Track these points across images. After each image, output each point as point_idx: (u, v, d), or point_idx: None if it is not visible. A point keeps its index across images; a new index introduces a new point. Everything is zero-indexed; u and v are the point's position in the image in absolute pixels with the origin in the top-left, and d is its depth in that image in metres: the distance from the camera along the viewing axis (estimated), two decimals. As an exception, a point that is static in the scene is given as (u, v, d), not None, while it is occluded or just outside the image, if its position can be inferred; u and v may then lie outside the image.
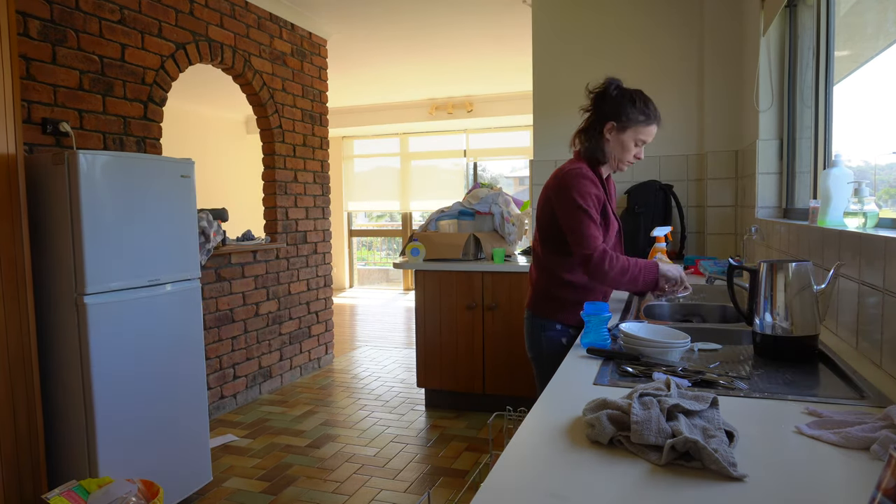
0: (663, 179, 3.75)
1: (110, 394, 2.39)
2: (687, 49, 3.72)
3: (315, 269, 4.98)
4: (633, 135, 1.91)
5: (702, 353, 1.57)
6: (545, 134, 3.99)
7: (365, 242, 10.85)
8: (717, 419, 0.96)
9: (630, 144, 1.93)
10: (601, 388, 1.26)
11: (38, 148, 2.79)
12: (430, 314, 3.81)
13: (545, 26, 3.97)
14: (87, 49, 3.04)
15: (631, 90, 1.94)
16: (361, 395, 4.29)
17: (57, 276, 2.36)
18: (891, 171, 2.08)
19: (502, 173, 9.95)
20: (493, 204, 4.04)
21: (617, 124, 1.91)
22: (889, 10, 1.88)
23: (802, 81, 2.70)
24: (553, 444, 0.97)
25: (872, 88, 2.07)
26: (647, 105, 1.92)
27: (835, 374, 1.34)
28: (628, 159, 1.96)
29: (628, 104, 1.89)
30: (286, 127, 4.61)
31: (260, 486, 2.90)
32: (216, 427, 3.68)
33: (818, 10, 2.38)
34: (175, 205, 2.70)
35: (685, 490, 0.80)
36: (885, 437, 0.90)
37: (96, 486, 2.15)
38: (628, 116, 1.89)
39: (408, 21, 4.99)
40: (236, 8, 4.06)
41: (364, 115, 8.65)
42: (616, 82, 1.94)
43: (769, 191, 2.97)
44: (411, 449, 3.31)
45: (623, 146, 1.93)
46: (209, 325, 3.81)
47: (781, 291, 1.42)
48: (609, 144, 1.94)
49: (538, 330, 2.07)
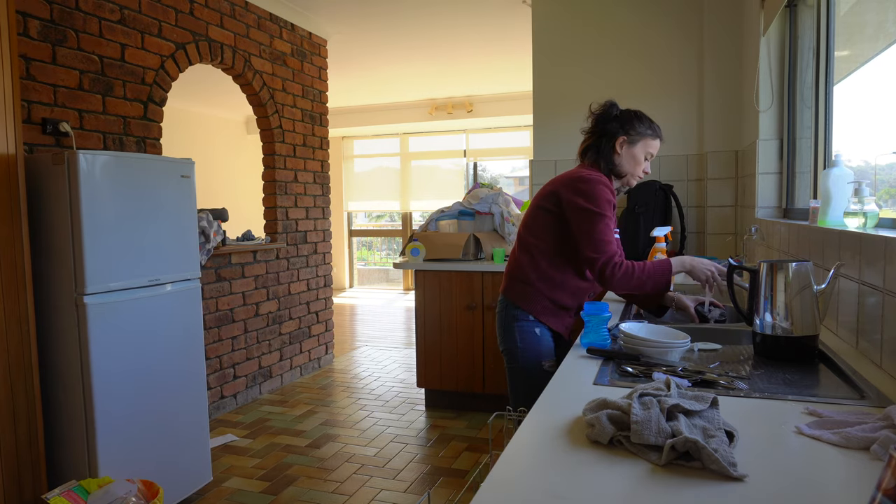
0: (663, 179, 3.75)
1: (110, 393, 2.39)
2: (687, 49, 3.72)
3: (315, 269, 4.98)
4: (643, 148, 1.99)
5: (702, 353, 1.58)
6: (545, 134, 3.99)
7: (365, 242, 10.85)
8: (717, 419, 0.96)
9: (641, 157, 1.99)
10: (601, 388, 1.26)
11: (38, 148, 2.79)
12: (430, 314, 3.81)
13: (545, 26, 3.97)
14: (87, 49, 3.04)
15: (632, 109, 2.03)
16: (361, 395, 4.29)
17: (57, 276, 2.36)
18: (891, 171, 2.08)
19: (502, 173, 9.95)
20: (493, 204, 4.04)
21: (628, 138, 1.97)
22: (889, 10, 1.88)
23: (802, 81, 2.70)
24: (553, 444, 0.97)
25: (872, 88, 2.07)
26: (651, 122, 2.01)
27: (835, 374, 1.34)
28: (639, 173, 2.02)
29: (635, 120, 1.98)
30: (286, 127, 4.62)
31: (260, 486, 2.90)
32: (216, 427, 3.68)
33: (818, 10, 2.38)
34: (175, 205, 2.69)
35: (685, 490, 0.80)
36: (885, 437, 0.90)
37: (96, 486, 2.15)
38: (637, 130, 1.97)
39: (408, 21, 4.99)
40: (236, 8, 4.06)
41: (364, 115, 8.65)
42: (616, 104, 2.02)
43: (769, 191, 2.97)
44: (411, 449, 3.31)
45: (635, 159, 1.99)
46: (209, 325, 3.81)
47: (781, 291, 1.42)
48: (621, 159, 1.99)
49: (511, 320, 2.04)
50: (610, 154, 1.98)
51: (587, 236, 1.86)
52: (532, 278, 2.00)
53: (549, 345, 2.02)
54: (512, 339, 2.03)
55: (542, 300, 2.00)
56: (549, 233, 1.98)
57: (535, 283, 2.00)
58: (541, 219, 2.00)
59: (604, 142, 1.99)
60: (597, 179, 1.90)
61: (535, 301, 2.01)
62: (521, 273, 2.03)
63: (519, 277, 2.04)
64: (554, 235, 1.97)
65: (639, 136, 1.97)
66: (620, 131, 1.97)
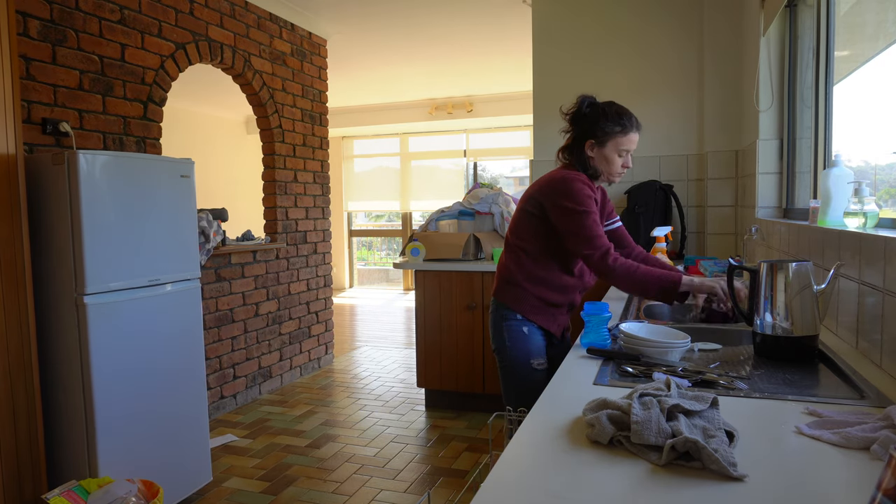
0: (663, 179, 3.75)
1: (110, 393, 2.39)
2: (687, 49, 3.72)
3: (315, 269, 4.98)
4: (613, 147, 1.94)
5: (702, 353, 1.57)
6: (545, 134, 3.99)
7: (365, 242, 10.85)
8: (717, 419, 0.96)
9: (613, 157, 1.95)
10: (601, 388, 1.26)
11: (38, 148, 2.79)
12: (430, 314, 3.81)
13: (545, 26, 3.97)
14: (87, 49, 3.04)
15: (603, 104, 1.97)
16: (361, 395, 4.29)
17: (57, 276, 2.35)
18: (891, 171, 2.08)
19: (502, 173, 9.95)
20: (493, 204, 4.04)
21: (595, 141, 1.94)
22: (889, 10, 1.88)
23: (802, 81, 2.70)
24: (553, 444, 0.97)
25: (872, 88, 2.07)
26: (620, 116, 1.94)
27: (835, 374, 1.34)
28: (616, 171, 1.99)
29: (601, 119, 1.93)
30: (286, 127, 4.61)
31: (260, 486, 2.90)
32: (216, 427, 3.68)
33: (818, 10, 2.38)
34: (175, 205, 2.69)
35: (685, 490, 0.80)
36: (885, 437, 0.90)
37: (96, 486, 2.15)
38: (604, 130, 1.93)
39: (408, 21, 4.99)
40: (236, 8, 4.06)
41: (364, 115, 8.64)
42: (588, 99, 1.97)
43: (769, 191, 2.97)
44: (411, 449, 3.31)
45: (607, 160, 1.96)
46: (209, 325, 3.81)
47: (781, 291, 1.42)
48: (594, 161, 1.97)
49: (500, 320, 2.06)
50: (582, 156, 1.98)
51: (575, 235, 1.88)
52: (519, 278, 2.03)
53: (538, 343, 2.04)
54: (501, 339, 2.06)
55: (529, 299, 2.02)
56: (532, 234, 2.00)
57: (522, 283, 2.02)
58: (524, 221, 2.03)
59: (575, 144, 1.99)
60: (572, 177, 1.92)
61: (523, 300, 2.03)
62: (509, 274, 2.06)
63: (506, 278, 2.07)
64: (538, 236, 1.99)
65: (607, 137, 1.93)
66: (587, 133, 1.95)
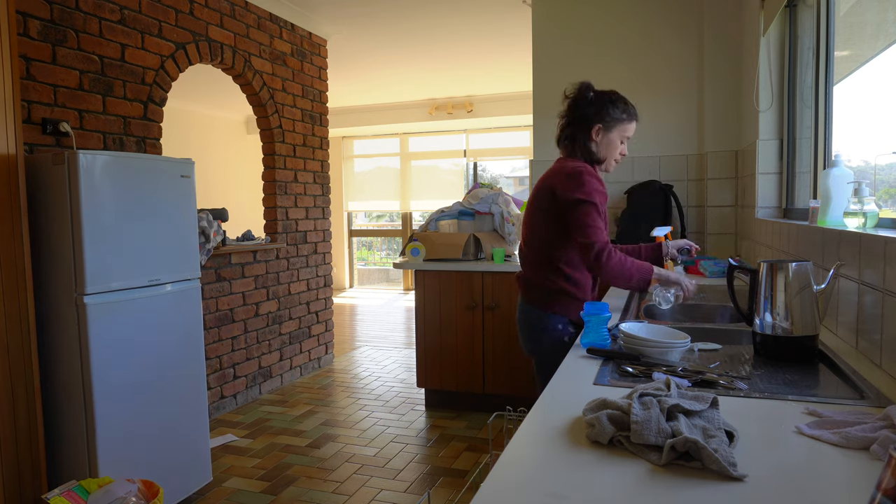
0: (663, 179, 3.75)
1: (110, 394, 2.39)
2: (687, 49, 3.72)
3: (315, 269, 4.98)
4: (619, 133, 2.00)
5: (702, 353, 1.57)
6: (545, 134, 3.99)
7: (365, 242, 10.85)
8: (718, 419, 0.96)
9: (617, 143, 2.02)
10: (601, 388, 1.26)
11: (38, 148, 2.79)
12: (430, 314, 3.81)
13: (545, 26, 3.97)
14: (87, 49, 3.04)
15: (606, 91, 2.01)
16: (361, 395, 4.29)
17: (57, 276, 2.35)
18: (891, 171, 2.08)
19: (502, 173, 9.95)
20: (493, 204, 4.04)
21: (603, 125, 1.98)
22: (889, 10, 1.88)
23: (802, 81, 2.70)
24: (553, 444, 0.97)
25: (872, 88, 2.07)
26: (625, 104, 2.00)
27: (835, 374, 1.34)
28: (616, 157, 2.04)
29: (609, 105, 1.98)
30: (286, 127, 4.61)
31: (260, 486, 2.90)
32: (216, 427, 3.68)
33: (818, 10, 2.38)
34: (175, 205, 2.69)
35: (685, 490, 0.80)
36: (884, 437, 0.90)
37: (96, 486, 2.15)
38: (612, 116, 1.98)
39: (408, 21, 4.99)
40: (236, 8, 4.06)
41: (364, 115, 8.64)
42: (591, 86, 2.01)
43: (769, 191, 2.97)
44: (411, 449, 3.31)
45: (611, 145, 2.01)
46: (209, 325, 3.81)
47: (781, 291, 1.42)
48: (598, 146, 2.01)
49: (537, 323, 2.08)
50: (586, 142, 2.00)
51: (577, 224, 1.92)
52: (542, 275, 2.05)
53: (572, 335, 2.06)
54: (536, 341, 2.09)
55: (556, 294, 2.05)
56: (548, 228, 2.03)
57: (545, 280, 2.05)
58: (539, 217, 2.05)
59: (579, 129, 2.00)
60: (583, 170, 1.95)
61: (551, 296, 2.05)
62: (532, 272, 2.09)
63: (531, 278, 2.10)
64: (553, 230, 2.01)
65: (614, 122, 1.98)
66: (595, 118, 1.97)
